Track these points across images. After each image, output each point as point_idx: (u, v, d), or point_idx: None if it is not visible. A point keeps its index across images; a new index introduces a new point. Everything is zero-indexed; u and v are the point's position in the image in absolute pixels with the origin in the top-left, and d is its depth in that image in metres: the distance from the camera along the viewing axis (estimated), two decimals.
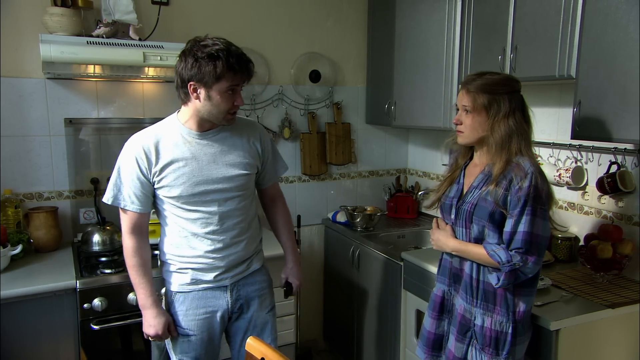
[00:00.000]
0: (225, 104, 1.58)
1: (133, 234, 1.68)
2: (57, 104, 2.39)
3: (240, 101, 1.62)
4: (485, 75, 1.56)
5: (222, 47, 1.52)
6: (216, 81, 1.52)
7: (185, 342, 1.72)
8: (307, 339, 3.12)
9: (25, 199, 2.38)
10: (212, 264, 1.70)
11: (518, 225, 1.47)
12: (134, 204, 1.65)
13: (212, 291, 1.72)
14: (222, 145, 1.69)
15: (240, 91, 1.61)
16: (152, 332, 1.68)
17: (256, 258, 1.82)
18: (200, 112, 1.60)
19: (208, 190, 1.65)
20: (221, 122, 1.64)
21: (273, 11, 2.81)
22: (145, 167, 1.62)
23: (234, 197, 1.69)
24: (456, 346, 1.63)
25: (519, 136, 1.52)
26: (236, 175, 1.68)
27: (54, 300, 1.95)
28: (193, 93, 1.57)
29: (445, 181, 1.73)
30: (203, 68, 1.50)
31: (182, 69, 1.55)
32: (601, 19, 1.71)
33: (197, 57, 1.51)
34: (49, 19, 2.19)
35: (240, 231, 1.72)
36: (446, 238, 1.65)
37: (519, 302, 1.55)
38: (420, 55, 2.60)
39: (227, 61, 1.50)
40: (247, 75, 1.60)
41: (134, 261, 1.68)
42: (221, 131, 1.69)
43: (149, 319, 1.68)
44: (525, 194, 1.46)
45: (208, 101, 1.57)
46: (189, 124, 1.65)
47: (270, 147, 1.84)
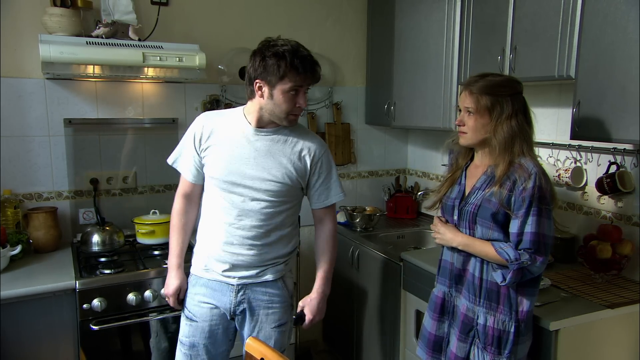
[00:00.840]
0: (287, 105, 1.61)
1: (182, 197, 1.83)
2: (57, 104, 2.39)
3: (303, 103, 1.65)
4: (488, 76, 1.57)
5: (289, 47, 1.57)
6: (279, 80, 1.57)
7: (187, 325, 1.78)
8: (306, 340, 3.12)
9: (25, 199, 2.38)
10: (221, 257, 1.72)
11: (525, 226, 1.48)
12: (187, 173, 1.78)
13: (220, 284, 1.75)
14: (270, 147, 1.69)
15: (304, 93, 1.64)
16: (164, 291, 1.85)
17: (272, 269, 1.76)
18: (263, 109, 1.65)
19: (238, 182, 1.68)
20: (282, 123, 1.68)
21: (272, 11, 2.81)
22: (197, 143, 1.73)
23: (260, 200, 1.69)
24: (458, 346, 1.63)
25: (522, 137, 1.53)
26: (267, 180, 1.68)
27: (53, 300, 1.95)
28: (258, 91, 1.62)
29: (445, 182, 1.73)
30: (268, 67, 1.56)
31: (251, 66, 1.62)
32: (600, 19, 1.71)
33: (265, 55, 1.58)
34: (49, 19, 2.19)
35: (256, 235, 1.71)
36: (453, 233, 1.64)
37: (522, 302, 1.55)
38: (419, 56, 2.60)
39: (291, 61, 1.55)
40: (311, 78, 1.63)
41: (174, 221, 1.83)
42: (276, 133, 1.70)
43: (168, 278, 1.84)
44: (530, 194, 1.47)
45: (270, 100, 1.61)
46: (249, 117, 1.70)
47: (326, 168, 1.76)
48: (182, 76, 2.37)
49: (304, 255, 3.05)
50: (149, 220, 2.41)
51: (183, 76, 2.37)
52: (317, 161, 1.74)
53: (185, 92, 2.65)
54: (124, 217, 2.51)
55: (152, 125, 2.58)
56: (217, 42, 2.63)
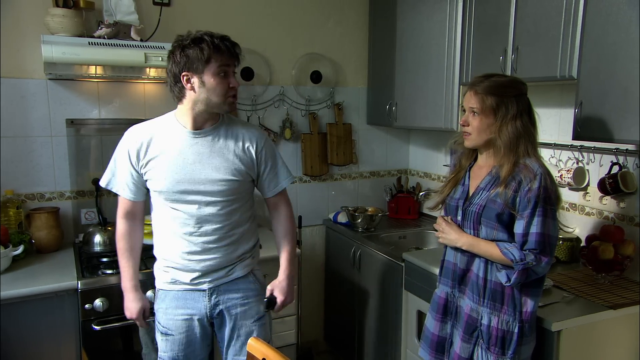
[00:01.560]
0: (221, 87, 1.58)
1: (125, 218, 1.76)
2: (59, 105, 2.40)
3: (235, 82, 1.61)
4: (493, 77, 1.57)
5: (205, 32, 1.57)
6: (206, 64, 1.54)
7: (164, 340, 1.74)
8: (308, 340, 3.12)
9: (27, 200, 2.39)
10: (188, 266, 1.69)
11: (530, 226, 1.48)
12: (125, 191, 1.71)
13: (191, 293, 1.71)
14: (213, 147, 1.66)
15: (232, 74, 1.61)
16: (127, 315, 1.78)
17: (240, 265, 1.74)
18: (198, 102, 1.60)
19: (189, 190, 1.63)
20: (222, 109, 1.64)
21: (274, 12, 2.81)
22: (135, 159, 1.66)
23: (216, 202, 1.65)
24: (462, 346, 1.62)
25: (526, 138, 1.53)
26: (220, 180, 1.64)
27: (55, 300, 1.95)
28: (187, 84, 1.58)
29: (449, 182, 1.73)
30: (191, 55, 1.54)
31: (172, 64, 1.59)
32: (602, 19, 1.71)
33: (183, 46, 1.55)
34: (51, 19, 2.19)
35: (219, 237, 1.68)
36: (458, 233, 1.63)
37: (526, 302, 1.55)
38: (421, 56, 2.60)
39: (212, 42, 1.54)
40: (234, 55, 1.60)
41: (121, 244, 1.76)
42: (214, 131, 1.67)
43: (126, 302, 1.77)
44: (536, 195, 1.47)
45: (203, 87, 1.57)
46: (183, 121, 1.66)
47: (271, 156, 1.75)
48: None
49: (305, 256, 3.05)
50: (150, 221, 2.40)
51: None
52: (261, 150, 1.72)
53: None
54: None
55: None
56: None
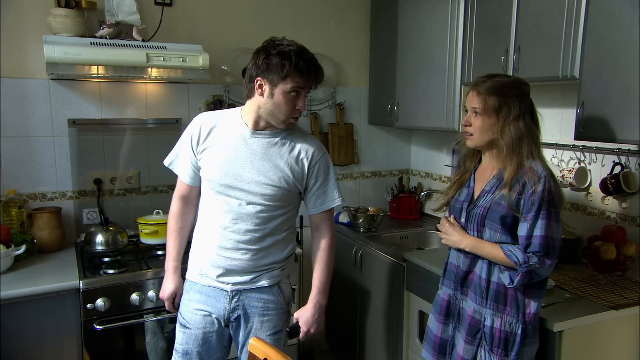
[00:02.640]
0: (287, 106, 1.59)
1: (179, 199, 1.81)
2: (61, 105, 2.40)
3: (303, 106, 1.62)
4: (496, 77, 1.56)
5: (294, 48, 1.56)
6: (282, 80, 1.55)
7: (182, 332, 1.76)
8: (309, 340, 3.11)
9: (29, 199, 2.39)
10: (215, 261, 1.70)
11: (534, 229, 1.48)
12: (184, 174, 1.76)
13: (214, 290, 1.72)
14: (267, 150, 1.66)
15: (304, 96, 1.62)
16: (160, 295, 1.83)
17: (267, 275, 1.72)
18: (261, 109, 1.62)
19: (234, 185, 1.66)
20: (280, 126, 1.64)
21: (276, 12, 2.81)
22: (195, 144, 1.71)
23: (256, 204, 1.66)
24: (465, 348, 1.62)
25: (529, 139, 1.52)
26: (265, 184, 1.65)
27: (57, 300, 1.95)
28: (258, 89, 1.60)
29: (454, 184, 1.72)
30: (272, 65, 1.54)
31: (253, 64, 1.59)
32: (605, 19, 1.70)
33: (269, 53, 1.55)
34: (53, 20, 2.20)
35: (250, 240, 1.68)
36: (461, 235, 1.63)
37: (529, 303, 1.55)
38: (423, 56, 2.60)
39: (296, 62, 1.54)
40: (313, 81, 1.61)
41: (171, 224, 1.81)
42: (274, 136, 1.67)
43: (164, 281, 1.83)
44: (540, 197, 1.46)
45: (270, 99, 1.58)
46: (246, 118, 1.68)
47: (324, 172, 1.72)
48: (185, 76, 2.38)
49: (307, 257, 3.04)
50: (152, 221, 2.42)
51: (186, 76, 2.38)
52: (315, 164, 1.70)
53: (188, 93, 2.65)
54: (128, 217, 2.52)
55: (155, 125, 2.59)
56: (220, 42, 2.63)
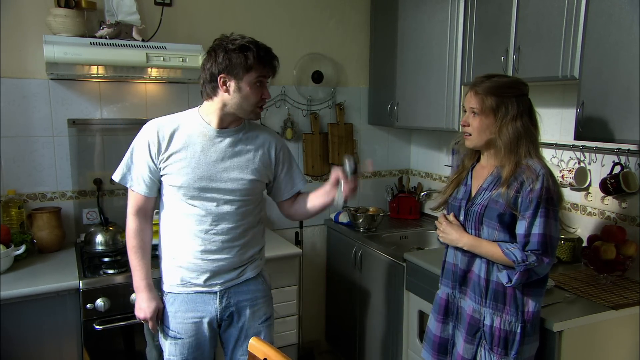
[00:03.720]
0: (254, 96, 1.61)
1: (137, 215, 1.71)
2: (61, 105, 2.40)
3: (268, 94, 1.65)
4: (494, 77, 1.57)
5: (251, 40, 1.59)
6: (246, 72, 1.57)
7: (173, 344, 1.72)
8: (309, 340, 3.12)
9: (29, 200, 2.39)
10: (200, 266, 1.67)
11: (532, 227, 1.48)
12: (140, 186, 1.68)
13: (202, 295, 1.70)
14: (235, 146, 1.68)
15: (266, 85, 1.65)
16: (141, 316, 1.71)
17: (250, 266, 1.75)
18: (228, 105, 1.62)
19: (209, 187, 1.64)
20: (249, 116, 1.67)
21: (275, 12, 2.81)
22: (155, 152, 1.64)
23: (234, 201, 1.67)
24: (465, 348, 1.62)
25: (527, 139, 1.52)
26: (240, 179, 1.66)
27: (57, 300, 1.95)
28: (222, 86, 1.60)
29: (451, 183, 1.72)
30: (234, 60, 1.55)
31: (212, 63, 1.59)
32: (605, 19, 1.71)
33: (228, 49, 1.56)
34: (53, 20, 2.20)
35: (233, 237, 1.69)
36: (459, 233, 1.63)
37: (528, 302, 1.55)
38: (422, 56, 2.60)
39: (257, 53, 1.57)
40: (272, 69, 1.64)
41: (134, 242, 1.71)
42: (238, 132, 1.69)
43: (140, 302, 1.71)
44: (538, 196, 1.47)
45: (238, 93, 1.60)
46: (209, 119, 1.67)
47: (287, 159, 1.81)
48: (185, 77, 2.38)
49: (307, 256, 3.05)
50: None
51: (186, 76, 2.38)
52: (279, 151, 1.77)
53: (188, 93, 2.65)
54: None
55: None
56: None
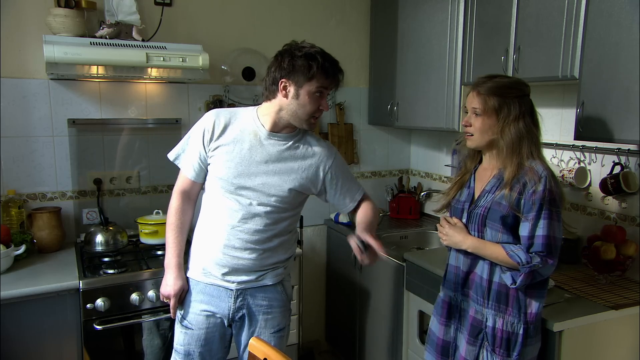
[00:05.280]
0: (311, 106, 1.61)
1: (180, 195, 1.76)
2: (61, 105, 2.40)
3: (326, 106, 1.65)
4: (496, 78, 1.57)
5: (319, 50, 1.61)
6: (308, 80, 1.57)
7: (183, 332, 1.74)
8: (309, 340, 3.12)
9: (29, 200, 2.39)
10: (221, 260, 1.69)
11: (536, 229, 1.48)
12: (189, 170, 1.73)
13: (218, 289, 1.71)
14: (283, 153, 1.67)
15: (326, 97, 1.65)
16: (165, 292, 1.74)
17: (271, 274, 1.74)
18: (283, 110, 1.63)
19: (246, 185, 1.65)
20: (302, 125, 1.67)
21: (276, 12, 2.81)
22: (207, 140, 1.68)
23: (267, 205, 1.67)
24: (468, 349, 1.62)
25: (529, 140, 1.52)
26: (279, 186, 1.66)
27: (57, 300, 1.95)
28: (282, 90, 1.61)
29: (454, 185, 1.72)
30: (297, 66, 1.57)
31: (277, 66, 1.61)
32: (605, 19, 1.71)
33: (294, 55, 1.58)
34: (53, 20, 2.20)
35: (259, 239, 1.68)
36: (463, 235, 1.62)
37: (530, 303, 1.55)
38: (422, 56, 2.60)
39: (322, 63, 1.58)
40: (335, 82, 1.65)
41: (173, 219, 1.75)
42: (289, 139, 1.69)
43: (168, 278, 1.74)
44: (541, 197, 1.47)
45: (295, 99, 1.60)
46: (264, 120, 1.68)
47: (341, 173, 1.76)
48: (185, 76, 2.38)
49: (306, 256, 3.05)
50: (152, 220, 2.42)
51: (186, 76, 2.38)
52: (329, 170, 1.73)
53: (188, 93, 2.65)
54: (128, 217, 2.52)
55: (155, 125, 2.59)
56: (220, 42, 2.63)
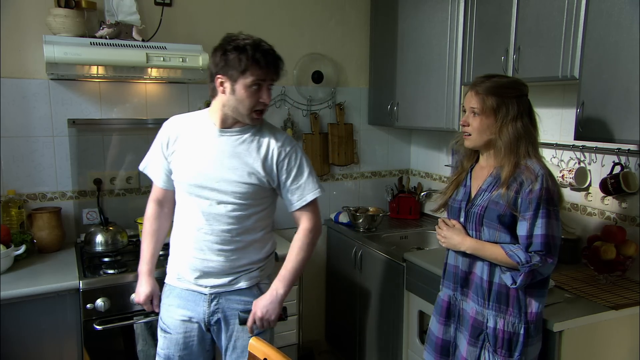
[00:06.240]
0: (250, 100, 1.57)
1: (154, 203, 1.82)
2: (61, 105, 2.40)
3: (267, 98, 1.60)
4: (494, 77, 1.57)
5: (250, 41, 1.54)
6: (241, 74, 1.54)
7: (162, 336, 1.75)
8: (309, 340, 3.12)
9: (29, 200, 2.39)
10: (192, 264, 1.68)
11: (534, 228, 1.48)
12: (157, 178, 1.78)
13: (193, 294, 1.71)
14: (236, 148, 1.65)
15: (267, 89, 1.60)
16: (135, 299, 1.80)
17: (245, 277, 1.70)
18: (225, 106, 1.61)
19: (204, 185, 1.64)
20: (246, 121, 1.63)
21: (276, 12, 2.81)
22: (165, 148, 1.72)
23: (227, 203, 1.64)
24: (469, 350, 1.61)
25: (527, 139, 1.52)
26: (235, 182, 1.63)
27: (57, 300, 1.95)
28: (220, 87, 1.59)
29: (451, 184, 1.72)
30: (229, 61, 1.53)
31: (212, 62, 1.59)
32: (604, 19, 1.71)
33: (226, 49, 1.54)
34: (53, 20, 2.20)
35: (224, 240, 1.65)
36: (461, 237, 1.62)
37: (531, 303, 1.55)
38: (422, 56, 2.60)
39: (253, 55, 1.52)
40: (274, 72, 1.59)
41: (146, 226, 1.82)
42: (242, 132, 1.66)
43: (138, 285, 1.80)
44: (537, 196, 1.47)
45: (232, 95, 1.57)
46: (213, 118, 1.67)
47: (296, 166, 1.67)
48: (185, 77, 2.38)
49: None
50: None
51: (186, 77, 2.38)
52: (283, 159, 1.65)
53: (188, 93, 2.65)
54: (128, 217, 2.52)
55: (155, 125, 2.57)
56: None
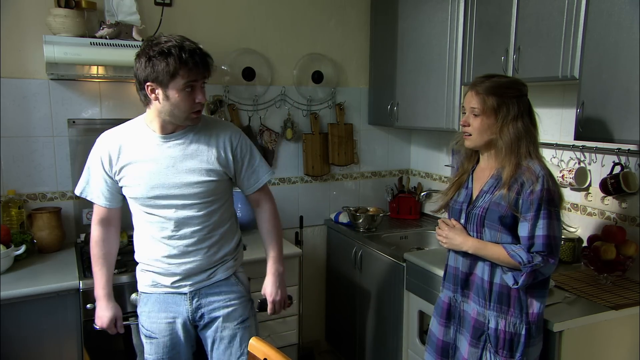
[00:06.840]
0: (185, 103, 1.51)
1: (99, 225, 1.73)
2: (61, 105, 2.40)
3: (202, 98, 1.54)
4: (494, 77, 1.57)
5: (174, 43, 1.47)
6: (171, 79, 1.47)
7: (148, 343, 1.73)
8: (309, 340, 3.12)
9: (29, 200, 2.39)
10: (168, 270, 1.67)
11: (535, 229, 1.48)
12: (100, 199, 1.69)
13: (173, 296, 1.69)
14: (185, 150, 1.61)
15: (201, 87, 1.54)
16: (98, 324, 1.74)
17: (222, 268, 1.71)
18: (162, 113, 1.54)
19: (164, 194, 1.60)
20: (185, 123, 1.59)
21: (276, 12, 2.81)
22: (108, 166, 1.64)
23: (192, 205, 1.62)
24: (470, 351, 1.61)
25: (528, 139, 1.52)
26: (195, 183, 1.60)
27: (57, 300, 1.95)
28: (151, 94, 1.52)
29: (452, 185, 1.72)
30: (156, 67, 1.46)
31: (137, 70, 1.51)
32: (604, 19, 1.71)
33: (150, 55, 1.47)
34: (53, 20, 2.20)
35: (198, 239, 1.65)
36: (463, 237, 1.61)
37: (532, 303, 1.55)
38: (422, 56, 2.60)
39: (179, 57, 1.45)
40: (204, 70, 1.52)
41: (95, 251, 1.74)
42: (186, 134, 1.62)
43: (98, 310, 1.74)
44: (539, 197, 1.47)
45: (167, 101, 1.51)
46: (153, 126, 1.61)
47: (248, 151, 1.70)
48: None
49: (307, 257, 3.05)
50: None
51: None
52: (237, 147, 1.66)
53: None
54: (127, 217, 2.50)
55: None
56: (220, 42, 2.63)
